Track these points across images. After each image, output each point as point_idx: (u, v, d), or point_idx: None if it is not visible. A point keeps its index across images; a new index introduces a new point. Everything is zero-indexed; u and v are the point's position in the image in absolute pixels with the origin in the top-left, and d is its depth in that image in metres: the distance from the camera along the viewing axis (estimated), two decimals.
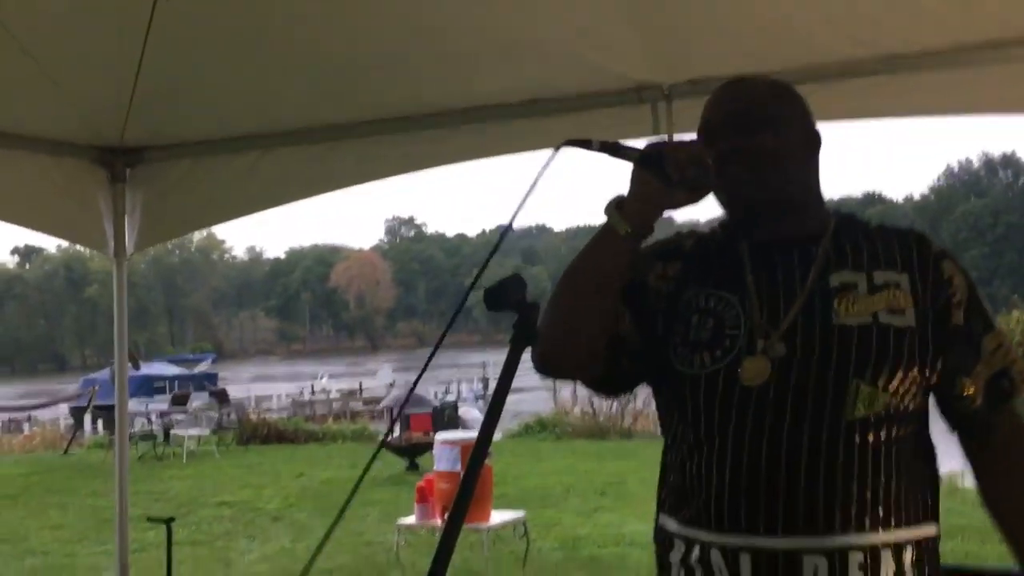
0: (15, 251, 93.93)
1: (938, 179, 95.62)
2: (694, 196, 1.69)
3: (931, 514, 1.65)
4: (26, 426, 23.07)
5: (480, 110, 3.52)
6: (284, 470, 12.60)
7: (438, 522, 6.49)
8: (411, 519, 6.64)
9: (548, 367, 1.81)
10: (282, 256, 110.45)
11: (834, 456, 1.57)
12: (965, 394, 1.69)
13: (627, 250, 1.70)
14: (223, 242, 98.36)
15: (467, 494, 0.97)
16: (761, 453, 1.58)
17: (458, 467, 6.16)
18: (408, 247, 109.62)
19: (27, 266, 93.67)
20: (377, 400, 27.48)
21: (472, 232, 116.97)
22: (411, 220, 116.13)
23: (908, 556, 1.59)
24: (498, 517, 6.27)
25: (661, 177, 1.65)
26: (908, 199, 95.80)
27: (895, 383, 1.61)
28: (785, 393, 1.60)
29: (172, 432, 16.30)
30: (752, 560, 1.57)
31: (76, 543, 8.85)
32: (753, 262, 1.73)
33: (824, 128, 1.86)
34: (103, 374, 24.95)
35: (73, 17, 2.92)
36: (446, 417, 13.76)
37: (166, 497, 10.75)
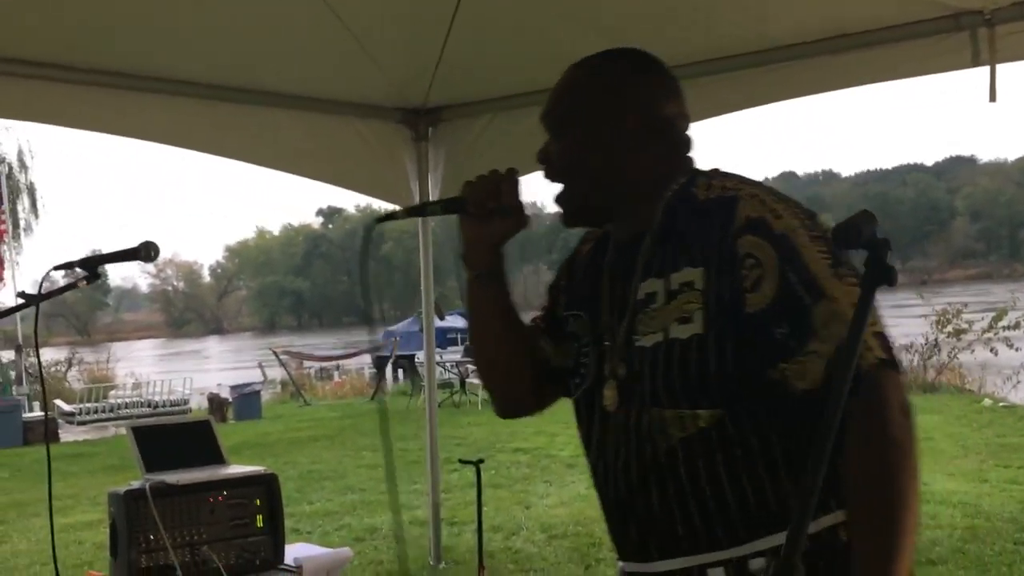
0: (319, 212, 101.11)
1: None
2: (512, 222, 1.70)
3: (819, 509, 1.43)
4: (336, 374, 24.88)
5: (782, 50, 3.39)
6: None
7: None
8: None
9: (504, 414, 1.85)
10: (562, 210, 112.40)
11: (663, 485, 1.52)
12: (782, 383, 1.43)
13: (490, 291, 1.74)
14: None
15: (826, 443, 0.94)
16: (623, 482, 1.57)
17: None
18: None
19: (330, 226, 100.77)
20: None
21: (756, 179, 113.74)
22: None
23: (758, 566, 1.48)
24: None
25: (472, 218, 1.69)
26: None
27: (700, 399, 1.48)
28: (627, 418, 1.55)
29: (467, 381, 17.11)
30: None
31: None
32: (610, 268, 1.63)
33: None
34: (402, 326, 26.46)
35: None
36: None
37: (466, 442, 11.28)
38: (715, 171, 1.61)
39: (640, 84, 1.62)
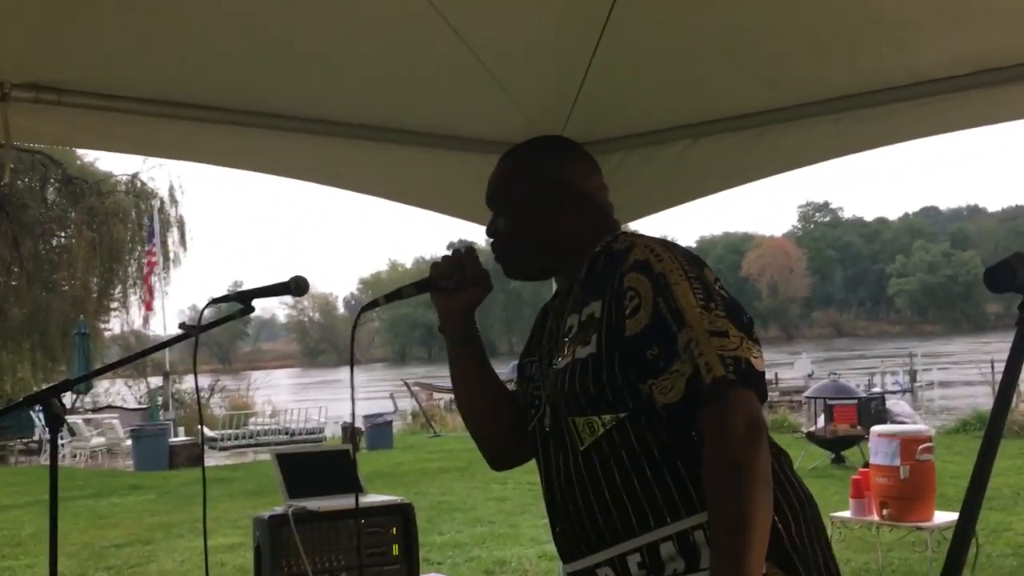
0: (449, 245, 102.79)
1: None
2: (477, 290, 2.02)
3: (687, 509, 1.68)
4: None
5: (920, 86, 3.29)
6: None
7: (875, 518, 6.21)
8: (845, 513, 6.41)
9: (495, 466, 2.15)
10: (693, 244, 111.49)
11: (583, 486, 1.76)
12: (651, 397, 1.69)
13: (467, 353, 2.08)
14: None
15: (980, 492, 0.91)
16: (552, 487, 1.84)
17: (896, 461, 5.84)
18: (823, 233, 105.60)
19: None
20: (796, 390, 26.80)
21: (893, 215, 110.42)
22: (826, 205, 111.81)
23: (668, 552, 1.67)
24: (941, 517, 5.88)
25: (441, 292, 2.00)
26: None
27: (600, 406, 1.74)
28: (556, 436, 1.82)
29: None
30: None
31: (518, 515, 9.53)
32: (553, 313, 1.98)
33: None
34: None
35: (523, 21, 3.13)
36: (872, 410, 13.08)
37: None
38: (635, 232, 1.97)
39: (563, 166, 1.97)
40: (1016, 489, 9.89)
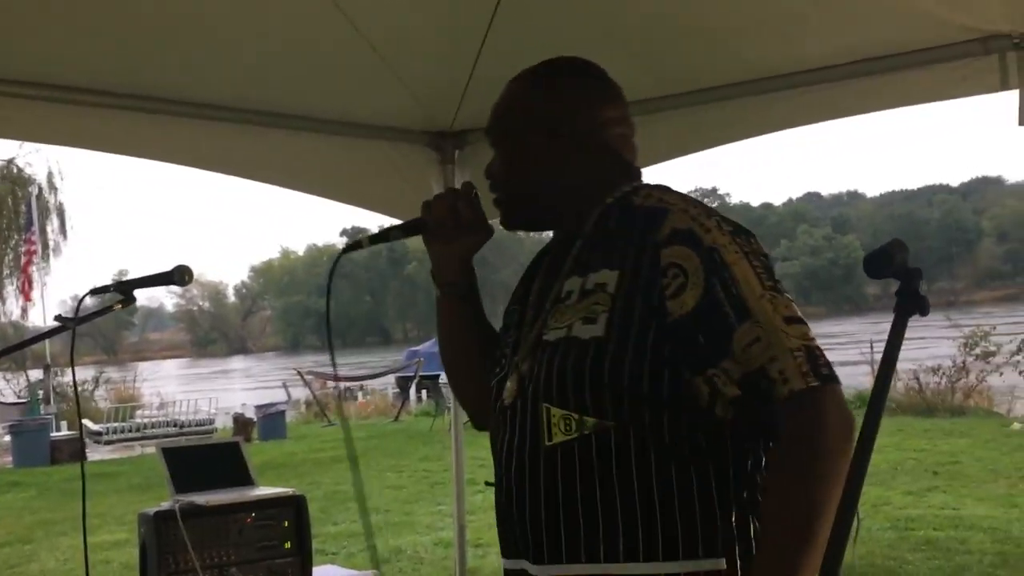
0: (343, 232, 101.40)
1: None
2: (474, 237, 1.71)
3: (687, 550, 1.41)
4: (360, 394, 24.92)
5: (809, 73, 3.38)
6: None
7: None
8: None
9: (481, 427, 1.80)
10: None
11: (536, 485, 1.48)
12: (693, 394, 1.41)
13: (459, 304, 1.77)
14: None
15: (861, 472, 0.94)
16: (503, 476, 1.55)
17: None
18: None
19: None
20: None
21: (778, 201, 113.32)
22: (714, 191, 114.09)
23: None
24: None
25: (436, 237, 1.71)
26: None
27: (588, 406, 1.44)
28: (519, 415, 1.53)
29: None
30: None
31: (413, 503, 9.51)
32: (545, 267, 1.66)
33: None
34: (426, 346, 26.58)
35: (413, 8, 3.10)
36: None
37: (489, 463, 11.28)
38: (660, 186, 1.60)
39: (574, 92, 1.66)
40: (893, 464, 10.28)
